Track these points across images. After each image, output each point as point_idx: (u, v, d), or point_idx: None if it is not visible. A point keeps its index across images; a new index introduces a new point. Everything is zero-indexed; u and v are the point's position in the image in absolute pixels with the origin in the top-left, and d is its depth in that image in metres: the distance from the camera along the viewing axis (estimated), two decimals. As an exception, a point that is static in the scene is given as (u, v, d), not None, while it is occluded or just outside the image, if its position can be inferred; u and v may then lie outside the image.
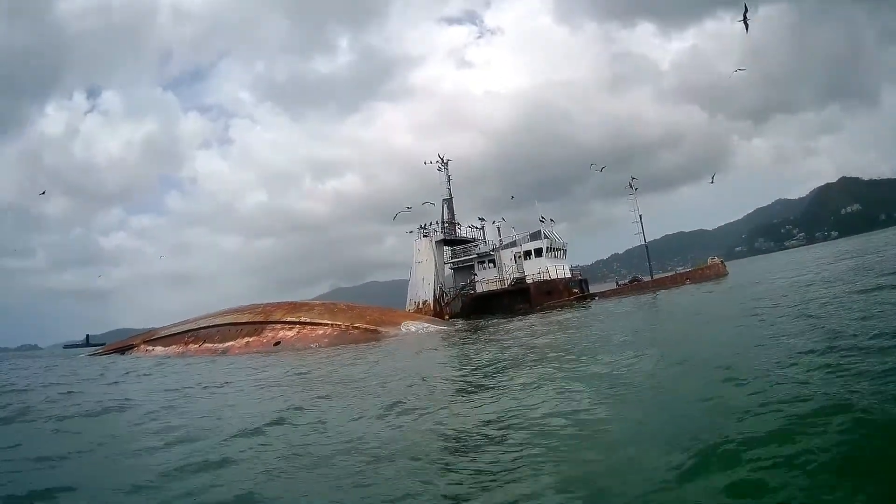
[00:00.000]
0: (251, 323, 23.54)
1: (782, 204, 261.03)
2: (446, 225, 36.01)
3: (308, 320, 21.87)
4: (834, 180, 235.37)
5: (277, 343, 21.07)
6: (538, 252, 32.87)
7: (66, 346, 68.84)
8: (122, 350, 33.60)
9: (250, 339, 22.18)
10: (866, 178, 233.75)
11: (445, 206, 36.65)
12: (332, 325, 21.20)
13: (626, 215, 35.15)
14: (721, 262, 36.68)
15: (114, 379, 14.16)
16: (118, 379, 14.11)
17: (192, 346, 25.28)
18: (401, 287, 36.41)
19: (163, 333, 31.86)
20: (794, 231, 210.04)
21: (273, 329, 22.25)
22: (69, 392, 10.96)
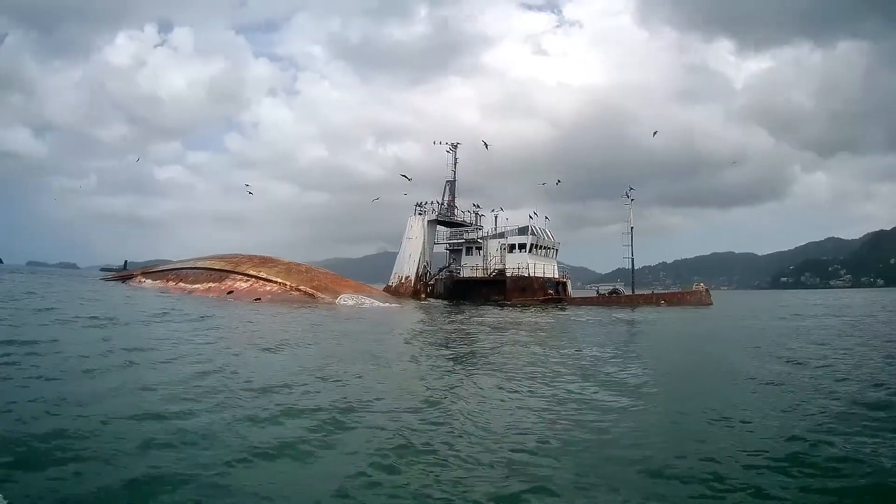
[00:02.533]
0: (220, 270, 25.13)
1: (834, 242, 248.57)
2: (444, 206, 36.05)
3: (264, 276, 23.16)
4: (889, 228, 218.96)
5: (231, 292, 22.50)
6: (522, 247, 32.64)
7: (103, 269, 73.58)
8: (125, 278, 36.50)
9: (212, 285, 23.75)
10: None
11: (448, 187, 36.53)
12: (279, 283, 22.39)
13: (680, 226, 33.75)
14: (706, 290, 34.90)
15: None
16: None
17: (171, 284, 27.27)
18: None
19: (158, 268, 34.35)
20: (842, 272, 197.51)
21: (233, 279, 23.72)
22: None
